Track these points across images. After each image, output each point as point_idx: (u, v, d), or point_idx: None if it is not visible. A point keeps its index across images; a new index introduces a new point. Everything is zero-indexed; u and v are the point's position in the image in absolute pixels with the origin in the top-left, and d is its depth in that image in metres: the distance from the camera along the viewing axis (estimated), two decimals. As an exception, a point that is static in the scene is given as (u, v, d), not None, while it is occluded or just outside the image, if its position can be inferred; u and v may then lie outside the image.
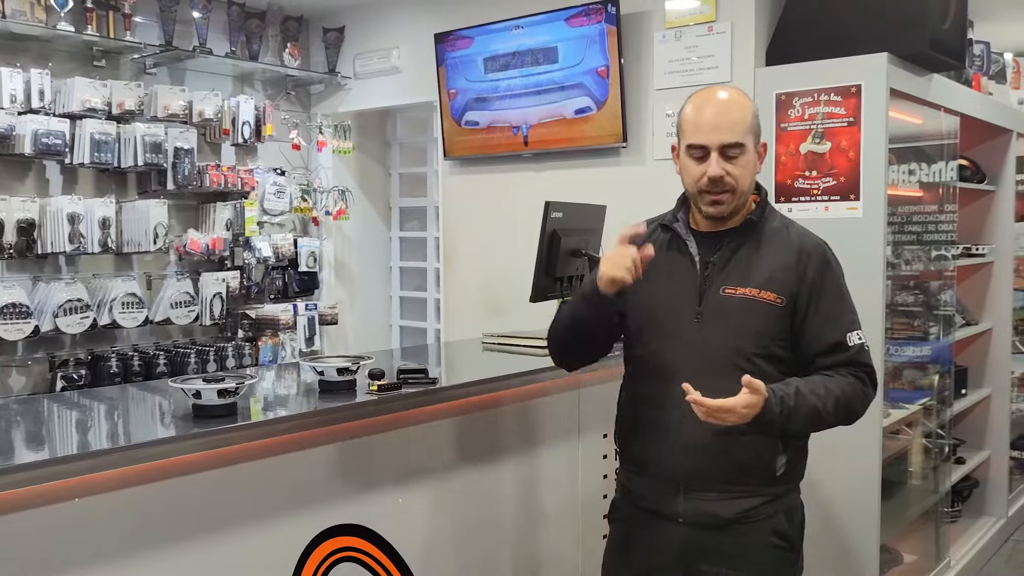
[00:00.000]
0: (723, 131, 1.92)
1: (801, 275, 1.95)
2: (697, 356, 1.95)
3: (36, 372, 4.13)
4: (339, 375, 2.42)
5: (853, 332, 1.96)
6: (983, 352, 4.60)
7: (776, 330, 1.95)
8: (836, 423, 1.94)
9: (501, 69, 4.24)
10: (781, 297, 1.94)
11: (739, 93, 2.01)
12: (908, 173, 3.86)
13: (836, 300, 1.97)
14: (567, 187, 4.02)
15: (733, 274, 1.96)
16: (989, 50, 4.66)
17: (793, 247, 1.97)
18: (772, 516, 2.00)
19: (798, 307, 1.95)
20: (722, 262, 1.97)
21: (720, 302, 1.95)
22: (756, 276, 1.95)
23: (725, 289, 1.95)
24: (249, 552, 2.12)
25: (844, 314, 1.97)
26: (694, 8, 3.71)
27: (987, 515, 4.57)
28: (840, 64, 3.30)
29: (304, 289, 5.10)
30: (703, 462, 1.95)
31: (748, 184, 1.97)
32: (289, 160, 5.10)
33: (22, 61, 4.02)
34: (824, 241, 2.03)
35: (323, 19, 5.15)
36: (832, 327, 1.95)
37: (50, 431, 2.28)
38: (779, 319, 1.94)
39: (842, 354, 1.94)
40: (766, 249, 1.97)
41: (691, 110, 1.98)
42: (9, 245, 3.86)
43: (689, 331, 1.96)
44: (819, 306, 1.95)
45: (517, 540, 2.83)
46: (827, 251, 2.01)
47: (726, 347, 1.94)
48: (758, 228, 2.00)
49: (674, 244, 2.04)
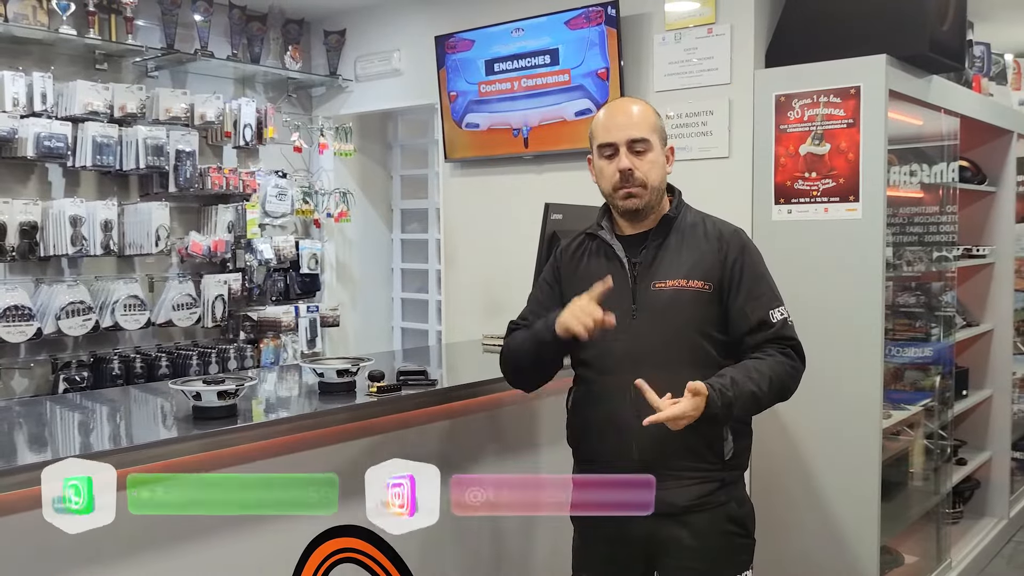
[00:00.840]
0: (629, 128, 2.09)
1: (723, 261, 2.09)
2: (638, 351, 2.06)
3: (38, 374, 4.14)
4: (339, 377, 2.43)
5: (775, 309, 2.08)
6: (984, 353, 4.60)
7: (708, 314, 2.08)
8: (773, 402, 2.07)
9: (502, 71, 4.25)
10: (708, 283, 2.07)
11: (638, 101, 2.23)
12: (909, 174, 3.87)
13: (757, 280, 2.10)
14: (567, 189, 4.01)
15: (660, 269, 2.10)
16: (989, 51, 4.66)
17: (712, 236, 2.12)
18: (725, 503, 2.11)
19: (723, 290, 2.08)
20: (648, 260, 2.11)
21: (652, 297, 2.08)
22: (681, 268, 2.09)
23: (655, 284, 2.09)
24: (249, 553, 2.13)
25: (765, 293, 2.10)
26: (694, 10, 3.71)
27: (988, 516, 4.57)
28: (839, 66, 3.31)
29: (305, 291, 5.11)
30: (655, 452, 2.04)
31: (657, 179, 2.10)
32: (290, 162, 5.11)
33: (24, 64, 4.03)
34: (740, 228, 2.18)
35: (324, 22, 5.17)
36: (755, 305, 2.07)
37: (52, 433, 2.29)
38: (709, 304, 2.08)
39: (768, 330, 2.06)
40: (687, 242, 2.11)
41: (601, 116, 2.17)
42: (12, 248, 3.87)
43: (627, 329, 2.06)
44: (741, 287, 2.08)
45: (516, 541, 2.84)
46: (743, 236, 2.16)
47: (664, 337, 2.06)
48: (677, 224, 2.14)
49: (601, 250, 2.18)
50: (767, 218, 3.48)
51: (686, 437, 1.98)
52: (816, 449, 3.43)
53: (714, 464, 2.08)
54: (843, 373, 3.31)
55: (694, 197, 2.28)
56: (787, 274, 3.42)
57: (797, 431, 3.46)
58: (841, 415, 3.33)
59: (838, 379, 3.31)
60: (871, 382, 3.30)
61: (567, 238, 2.33)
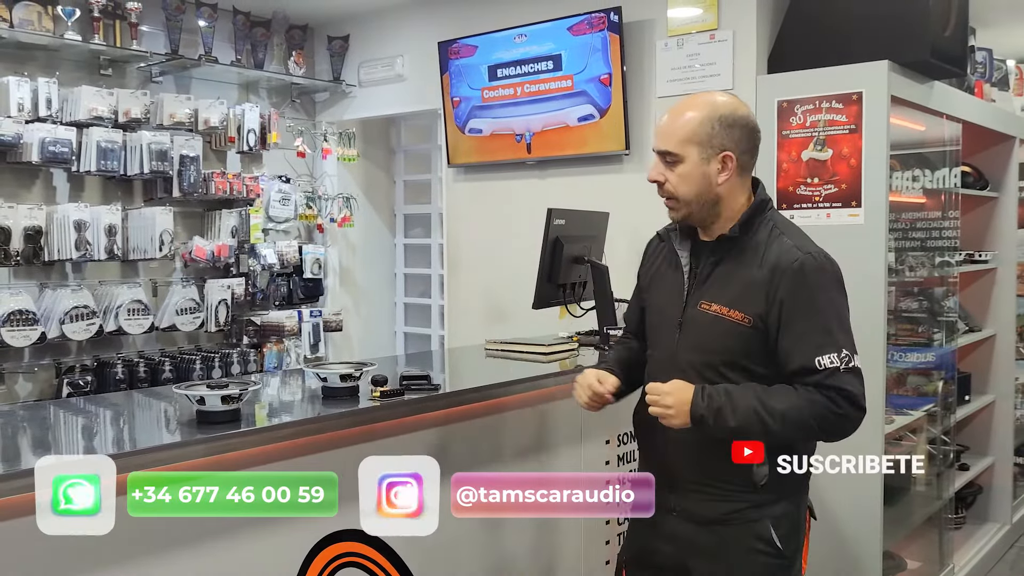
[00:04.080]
0: (660, 138, 1.99)
1: (771, 295, 1.91)
2: (672, 363, 2.01)
3: (42, 378, 4.15)
4: (342, 381, 2.44)
5: (825, 355, 1.87)
6: (987, 358, 4.59)
7: (745, 348, 1.94)
8: (792, 435, 1.92)
9: (504, 77, 4.26)
10: (748, 317, 1.92)
11: (698, 103, 2.00)
12: (911, 180, 3.87)
13: (809, 320, 1.90)
14: (570, 194, 4.04)
15: (710, 290, 1.99)
16: (991, 57, 4.66)
17: (768, 264, 1.93)
18: (756, 521, 1.99)
19: (769, 326, 1.92)
20: (703, 276, 2.01)
21: (696, 316, 1.99)
22: (728, 294, 1.96)
23: (702, 304, 1.99)
24: (252, 558, 2.13)
25: (815, 334, 1.89)
26: (696, 16, 3.72)
27: (991, 521, 4.56)
28: (841, 72, 3.31)
29: (309, 296, 5.12)
30: (684, 461, 2.00)
31: (691, 192, 1.97)
32: (294, 167, 5.13)
33: (29, 70, 4.05)
34: (810, 255, 1.94)
35: (328, 28, 5.18)
36: (800, 350, 1.89)
37: (56, 437, 2.30)
38: (747, 338, 1.93)
39: (811, 376, 1.88)
40: (742, 266, 1.97)
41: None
42: (16, 252, 3.88)
43: (671, 339, 2.03)
44: (789, 327, 1.90)
45: (520, 546, 2.84)
46: (805, 268, 1.91)
47: (699, 358, 1.98)
48: (739, 242, 1.98)
49: (671, 256, 2.10)
50: (769, 223, 3.47)
51: (713, 456, 1.93)
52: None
53: (744, 487, 1.96)
54: (845, 378, 3.30)
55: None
56: (789, 279, 3.46)
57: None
58: (843, 420, 3.32)
59: (840, 384, 3.30)
60: (873, 387, 3.29)
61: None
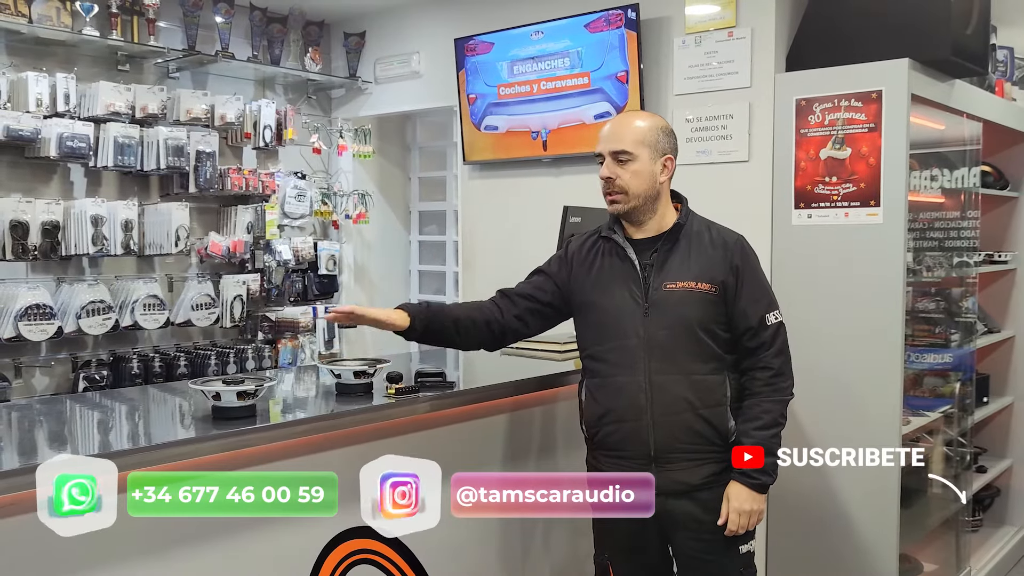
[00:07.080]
0: (612, 141, 2.30)
1: (730, 264, 2.30)
2: (650, 343, 2.28)
3: (59, 373, 4.18)
4: (356, 378, 2.44)
5: (771, 312, 2.32)
6: (1005, 360, 4.55)
7: (713, 313, 2.30)
8: (785, 420, 2.32)
9: (521, 74, 4.25)
10: (714, 286, 2.29)
11: (641, 115, 2.47)
12: (930, 179, 3.84)
13: (756, 285, 2.33)
14: (586, 191, 4.00)
15: (671, 272, 2.31)
16: (1013, 55, 4.62)
17: (718, 244, 2.33)
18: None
19: (727, 292, 2.30)
20: (659, 263, 2.32)
21: (663, 296, 2.29)
22: (691, 271, 2.30)
23: (666, 285, 2.30)
24: (266, 554, 2.13)
25: (763, 297, 2.33)
26: (714, 14, 3.70)
27: (1009, 524, 4.52)
28: (861, 70, 3.29)
29: (324, 292, 5.12)
30: (669, 436, 2.27)
31: (641, 188, 2.30)
32: (309, 164, 5.13)
33: (48, 65, 4.07)
34: (742, 236, 2.38)
35: (344, 24, 5.18)
36: (754, 307, 2.30)
37: (72, 431, 2.31)
38: (715, 304, 2.29)
39: (764, 332, 2.30)
40: (695, 248, 2.32)
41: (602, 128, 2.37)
42: (34, 247, 3.90)
43: (637, 324, 2.29)
44: (742, 290, 2.30)
45: (533, 544, 2.83)
46: (745, 244, 2.36)
47: (674, 332, 2.27)
48: (685, 231, 2.34)
49: (615, 251, 2.37)
50: (787, 223, 3.46)
51: (694, 423, 2.27)
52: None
53: (719, 446, 2.29)
54: (862, 378, 3.29)
55: (713, 201, 2.30)
56: (807, 279, 3.44)
57: (815, 436, 3.43)
58: (860, 420, 3.30)
59: (857, 384, 3.29)
60: (891, 388, 3.28)
61: (579, 237, 2.51)
